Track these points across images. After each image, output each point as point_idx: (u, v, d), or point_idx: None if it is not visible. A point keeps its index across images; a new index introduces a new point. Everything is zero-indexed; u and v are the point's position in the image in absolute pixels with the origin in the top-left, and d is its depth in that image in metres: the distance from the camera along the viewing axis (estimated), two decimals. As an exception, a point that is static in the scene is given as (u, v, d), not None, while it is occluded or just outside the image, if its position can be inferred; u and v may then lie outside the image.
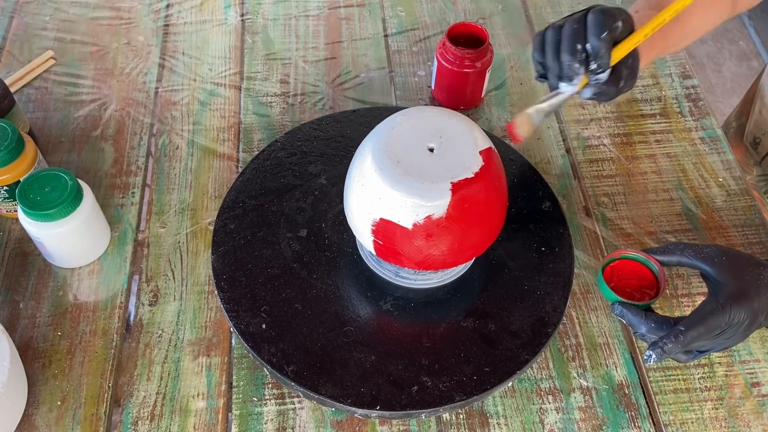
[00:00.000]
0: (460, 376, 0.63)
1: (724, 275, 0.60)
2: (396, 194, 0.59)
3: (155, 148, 0.84)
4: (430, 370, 0.64)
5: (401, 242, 0.61)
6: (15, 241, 0.75)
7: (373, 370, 0.64)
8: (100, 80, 0.90)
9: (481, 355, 0.65)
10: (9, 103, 0.77)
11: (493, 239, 0.65)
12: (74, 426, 0.64)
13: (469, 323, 0.67)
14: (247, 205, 0.75)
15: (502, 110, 0.89)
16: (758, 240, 0.78)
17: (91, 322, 0.70)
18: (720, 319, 0.58)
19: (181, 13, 0.99)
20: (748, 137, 1.01)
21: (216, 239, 0.72)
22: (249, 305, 0.68)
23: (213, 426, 0.64)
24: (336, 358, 0.65)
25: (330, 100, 0.89)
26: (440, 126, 0.62)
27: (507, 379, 0.64)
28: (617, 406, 0.66)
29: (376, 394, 0.62)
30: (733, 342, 0.60)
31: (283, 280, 0.70)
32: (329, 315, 0.67)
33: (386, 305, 0.69)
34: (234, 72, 0.92)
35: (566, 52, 0.62)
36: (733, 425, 0.65)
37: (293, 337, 0.66)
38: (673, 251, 0.64)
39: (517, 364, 0.64)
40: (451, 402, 0.62)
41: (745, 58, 2.16)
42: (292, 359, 0.64)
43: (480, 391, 0.63)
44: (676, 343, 0.58)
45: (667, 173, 0.83)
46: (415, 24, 0.98)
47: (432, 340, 0.66)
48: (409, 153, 0.60)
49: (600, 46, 0.60)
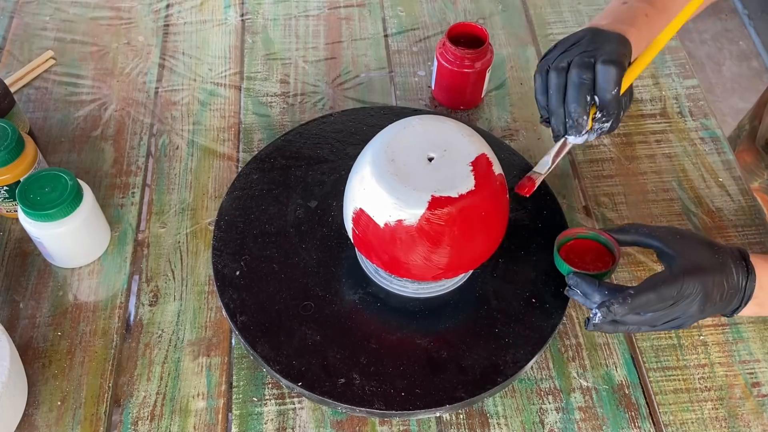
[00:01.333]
0: (388, 387, 0.63)
1: (679, 250, 0.61)
2: (377, 189, 0.59)
3: (155, 148, 0.84)
4: (364, 370, 0.64)
5: (372, 237, 0.61)
6: (15, 241, 0.75)
7: (312, 350, 0.65)
8: (100, 80, 0.90)
9: (419, 377, 0.63)
10: (9, 103, 0.77)
11: (469, 267, 0.64)
12: (74, 426, 0.64)
13: (423, 342, 0.66)
14: (277, 162, 0.78)
15: (502, 110, 0.89)
16: (758, 240, 0.78)
17: (91, 322, 0.70)
18: (672, 287, 0.58)
19: (181, 13, 0.99)
20: (760, 140, 1.00)
21: (236, 182, 0.76)
22: (234, 250, 0.71)
23: (213, 426, 0.64)
24: (285, 325, 0.66)
25: (330, 100, 0.89)
26: (450, 140, 0.61)
27: (409, 412, 0.62)
28: (617, 406, 0.66)
29: (304, 372, 0.63)
30: (687, 319, 0.60)
31: (274, 239, 0.72)
32: (298, 285, 0.69)
33: (354, 296, 0.69)
34: (234, 72, 0.92)
35: (574, 103, 0.62)
36: (733, 425, 0.65)
37: (257, 293, 0.68)
38: (628, 230, 0.65)
39: (451, 399, 0.62)
40: (370, 407, 0.61)
41: (745, 58, 2.16)
42: (246, 311, 0.67)
43: (403, 408, 0.62)
44: (623, 305, 0.59)
45: (667, 173, 0.83)
46: (415, 24, 0.98)
47: (379, 344, 0.66)
48: (408, 155, 0.60)
49: (612, 103, 0.61)
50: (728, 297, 0.60)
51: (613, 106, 0.62)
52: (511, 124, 0.87)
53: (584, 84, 0.62)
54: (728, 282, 0.60)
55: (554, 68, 0.64)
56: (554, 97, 0.64)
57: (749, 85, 2.04)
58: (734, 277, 0.60)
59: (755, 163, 1.02)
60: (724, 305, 0.61)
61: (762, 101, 1.02)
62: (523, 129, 0.87)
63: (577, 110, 0.62)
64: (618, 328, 0.62)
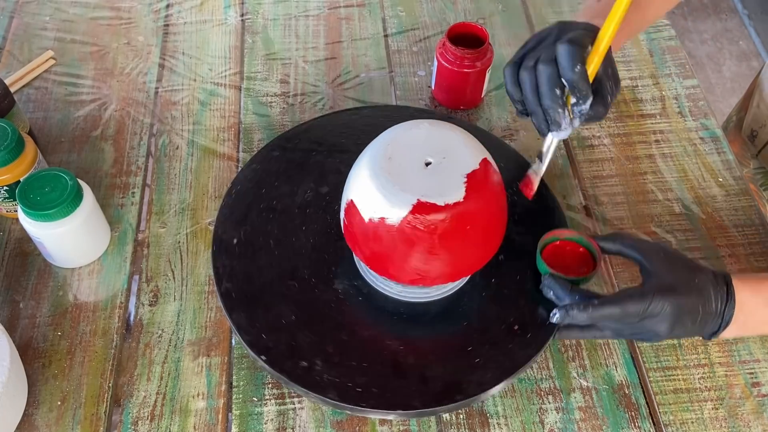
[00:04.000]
0: (347, 380, 0.62)
1: (658, 269, 0.60)
2: (368, 183, 0.59)
3: (155, 148, 0.84)
4: (328, 358, 0.64)
5: (357, 230, 0.61)
6: (15, 241, 0.75)
7: (284, 328, 0.65)
8: (100, 80, 0.90)
9: (379, 378, 0.63)
10: (9, 103, 0.77)
11: (449, 279, 0.63)
12: (74, 426, 0.64)
13: (393, 345, 0.65)
14: (300, 144, 0.79)
15: (502, 110, 0.89)
16: (758, 240, 0.78)
17: (91, 322, 0.70)
18: (638, 305, 0.58)
19: (181, 13, 0.99)
20: (746, 130, 1.01)
21: (257, 155, 0.78)
22: (238, 219, 0.73)
23: (213, 426, 0.64)
24: (265, 299, 0.67)
25: (330, 100, 0.89)
26: (452, 148, 0.60)
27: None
28: (617, 406, 0.66)
29: (271, 348, 0.64)
30: (653, 336, 0.60)
31: (277, 216, 0.73)
32: (288, 264, 0.70)
33: (338, 286, 0.69)
34: (234, 72, 0.92)
35: (547, 99, 0.60)
36: (733, 425, 0.65)
37: (247, 263, 0.69)
38: (614, 239, 0.65)
39: (404, 405, 0.61)
40: (324, 395, 0.61)
41: (745, 58, 2.16)
42: (233, 279, 0.68)
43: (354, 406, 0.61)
44: (582, 312, 0.59)
45: (667, 173, 0.83)
46: (415, 24, 0.98)
47: (350, 337, 0.66)
48: (406, 156, 0.60)
49: (576, 80, 0.59)
50: (702, 321, 0.59)
51: (583, 85, 0.59)
52: (511, 124, 0.87)
53: (551, 76, 0.60)
54: (704, 307, 0.59)
55: (524, 67, 0.62)
56: (530, 98, 0.62)
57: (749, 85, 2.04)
58: (712, 302, 0.59)
59: (741, 153, 1.02)
60: (699, 328, 0.60)
61: (748, 93, 1.02)
62: (523, 129, 0.87)
63: (551, 106, 0.60)
64: (584, 335, 0.63)
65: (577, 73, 0.59)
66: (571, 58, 0.59)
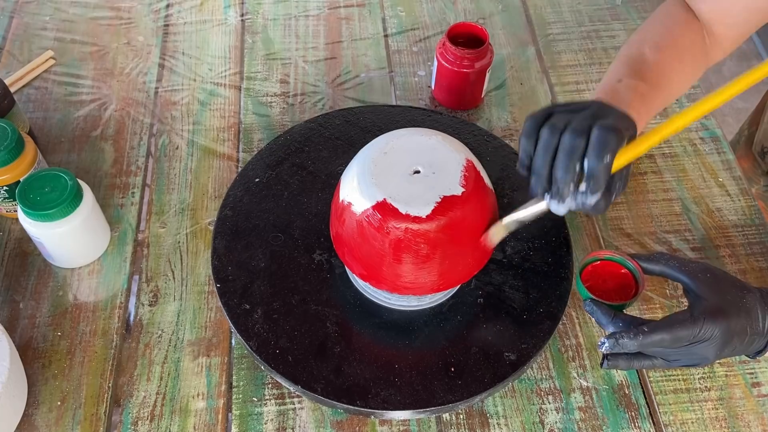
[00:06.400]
0: (312, 370, 0.63)
1: (705, 291, 0.58)
2: (355, 166, 0.60)
3: (155, 148, 0.84)
4: (290, 336, 0.65)
5: (334, 206, 0.63)
6: (15, 241, 0.75)
7: (260, 302, 0.67)
8: (100, 80, 0.90)
9: (341, 373, 0.63)
10: (9, 103, 0.77)
11: (396, 290, 0.62)
12: (74, 426, 0.64)
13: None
14: (317, 140, 0.80)
15: (502, 110, 0.89)
16: (758, 240, 0.78)
17: (91, 322, 0.70)
18: (689, 330, 0.56)
19: (181, 13, 0.99)
20: (756, 146, 1.00)
21: (270, 146, 0.79)
22: (248, 205, 0.74)
23: (213, 426, 0.64)
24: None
25: (330, 100, 0.89)
26: (447, 165, 0.59)
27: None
28: (617, 406, 0.66)
29: (250, 327, 0.65)
30: (702, 360, 0.58)
31: (281, 202, 0.75)
32: (289, 259, 0.70)
33: (325, 274, 0.69)
34: (234, 72, 0.92)
35: (562, 170, 0.54)
36: (733, 425, 0.65)
37: (244, 239, 0.71)
38: (658, 260, 0.62)
39: (350, 400, 0.62)
40: (294, 383, 0.62)
41: (745, 58, 2.16)
42: (231, 263, 0.70)
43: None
44: (633, 340, 0.56)
45: (667, 173, 0.83)
46: (415, 24, 0.98)
47: (327, 324, 0.66)
48: (401, 157, 0.60)
49: (599, 170, 0.53)
50: (749, 341, 0.58)
51: (602, 178, 0.53)
52: (511, 124, 0.87)
53: (576, 150, 0.54)
54: (752, 327, 0.58)
55: (550, 125, 0.56)
56: (540, 156, 0.56)
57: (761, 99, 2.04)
58: (759, 322, 0.58)
59: (752, 169, 1.01)
60: (745, 348, 0.59)
61: (760, 107, 1.01)
62: (523, 129, 0.87)
63: (564, 179, 0.54)
64: (632, 364, 0.60)
65: (605, 164, 0.53)
66: (605, 145, 0.53)
